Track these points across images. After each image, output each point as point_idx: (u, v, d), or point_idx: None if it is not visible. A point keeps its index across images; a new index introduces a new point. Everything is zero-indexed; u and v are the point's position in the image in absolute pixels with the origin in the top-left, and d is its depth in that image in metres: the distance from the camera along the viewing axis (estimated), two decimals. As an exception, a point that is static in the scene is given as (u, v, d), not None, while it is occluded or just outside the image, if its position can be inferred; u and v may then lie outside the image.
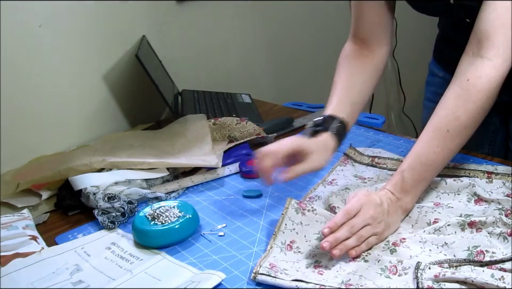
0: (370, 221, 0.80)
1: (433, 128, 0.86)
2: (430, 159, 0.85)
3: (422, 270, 0.72)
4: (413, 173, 0.85)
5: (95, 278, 0.84)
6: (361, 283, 0.73)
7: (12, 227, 0.96)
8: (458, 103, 0.84)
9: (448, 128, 0.84)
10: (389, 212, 0.83)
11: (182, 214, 0.91)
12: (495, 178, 0.93)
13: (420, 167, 0.85)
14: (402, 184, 0.85)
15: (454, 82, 0.86)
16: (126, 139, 1.29)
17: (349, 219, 0.80)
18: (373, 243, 0.81)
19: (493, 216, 0.81)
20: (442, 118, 0.85)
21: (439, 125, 0.85)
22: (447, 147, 0.85)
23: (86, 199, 1.02)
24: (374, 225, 0.81)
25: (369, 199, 0.83)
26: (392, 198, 0.85)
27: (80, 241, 0.94)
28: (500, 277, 0.68)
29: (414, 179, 0.85)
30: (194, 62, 1.64)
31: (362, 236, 0.80)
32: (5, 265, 0.86)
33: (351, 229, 0.79)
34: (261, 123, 1.32)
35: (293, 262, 0.80)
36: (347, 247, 0.78)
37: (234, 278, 0.79)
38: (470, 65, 0.85)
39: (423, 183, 0.87)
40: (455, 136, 0.84)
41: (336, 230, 0.79)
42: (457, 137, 0.85)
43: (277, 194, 1.03)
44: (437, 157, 0.85)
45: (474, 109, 0.84)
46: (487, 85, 0.83)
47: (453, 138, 0.84)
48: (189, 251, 0.88)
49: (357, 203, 0.82)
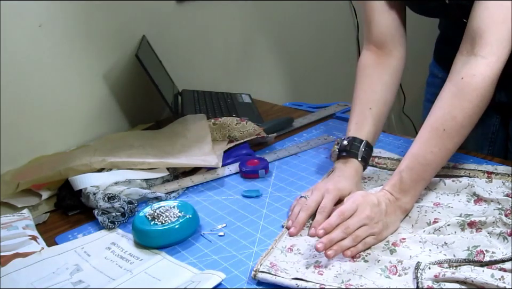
0: (366, 221, 0.81)
1: (430, 128, 0.86)
2: (428, 159, 0.85)
3: (422, 270, 0.72)
4: (411, 173, 0.85)
5: (95, 278, 0.84)
6: (361, 283, 0.73)
7: (11, 227, 0.96)
8: (454, 102, 0.85)
9: (444, 127, 0.84)
10: (387, 212, 0.83)
11: (182, 214, 0.91)
12: (494, 178, 0.93)
13: (418, 167, 0.86)
14: (400, 184, 0.86)
15: (449, 82, 0.87)
16: (126, 139, 1.29)
17: (344, 220, 0.80)
18: (370, 243, 0.81)
19: (492, 216, 0.81)
20: (439, 118, 0.85)
21: (435, 124, 0.85)
22: (445, 147, 0.85)
23: (86, 199, 1.02)
24: (371, 225, 0.81)
25: (366, 200, 0.83)
26: (391, 198, 0.85)
27: (80, 241, 0.94)
28: (500, 276, 0.68)
29: (412, 179, 0.85)
30: (194, 62, 1.64)
31: (358, 236, 0.80)
32: (5, 265, 0.86)
33: (345, 230, 0.79)
34: (261, 123, 1.32)
35: (293, 262, 0.80)
36: (342, 247, 0.78)
37: (234, 278, 0.79)
38: (464, 64, 0.85)
39: (422, 183, 0.87)
40: (452, 136, 0.85)
41: (331, 231, 0.79)
42: (454, 137, 0.85)
43: (277, 194, 1.03)
44: (435, 157, 0.85)
45: (470, 107, 0.84)
46: (481, 83, 0.83)
47: (450, 137, 0.85)
48: (189, 251, 0.88)
49: (352, 204, 0.82)
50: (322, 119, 1.37)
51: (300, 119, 1.38)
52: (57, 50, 1.35)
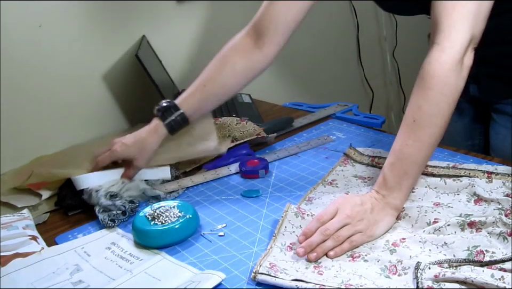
0: (347, 220, 0.82)
1: (403, 122, 0.87)
2: (405, 153, 0.86)
3: (422, 270, 0.72)
4: (392, 169, 0.86)
5: (95, 278, 0.84)
6: (361, 283, 0.73)
7: (11, 227, 0.96)
8: (418, 93, 0.85)
9: (414, 118, 0.85)
10: (374, 209, 0.84)
11: (182, 214, 0.92)
12: (495, 178, 0.93)
13: (398, 162, 0.86)
14: (384, 182, 0.87)
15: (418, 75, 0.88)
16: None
17: (324, 224, 0.81)
18: (359, 240, 0.82)
19: (492, 216, 0.81)
20: (408, 110, 0.87)
21: (407, 117, 0.86)
22: (418, 139, 0.85)
23: (88, 196, 1.02)
24: (353, 224, 0.82)
25: (346, 201, 0.85)
26: (377, 197, 0.86)
27: (80, 241, 0.94)
28: (500, 276, 0.68)
29: (395, 175, 0.86)
30: (194, 62, 1.64)
31: (340, 236, 0.81)
32: (5, 265, 0.86)
33: (324, 232, 0.80)
34: (261, 123, 1.32)
35: (292, 262, 0.80)
36: (324, 249, 0.80)
37: (234, 278, 0.79)
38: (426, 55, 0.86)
39: (406, 177, 0.87)
40: (423, 126, 0.85)
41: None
42: (426, 127, 0.85)
43: (277, 194, 1.03)
44: (411, 150, 0.86)
45: (434, 95, 0.84)
46: (439, 69, 0.84)
47: (421, 128, 0.85)
48: (189, 251, 0.88)
49: (332, 207, 0.84)
50: (322, 119, 1.37)
51: (300, 119, 1.38)
52: (57, 50, 1.35)
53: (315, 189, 1.02)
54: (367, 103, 2.21)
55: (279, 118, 1.37)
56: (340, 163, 1.10)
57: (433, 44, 0.85)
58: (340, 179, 1.04)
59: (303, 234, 0.82)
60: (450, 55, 0.83)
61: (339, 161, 1.11)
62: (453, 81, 0.84)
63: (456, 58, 0.84)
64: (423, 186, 0.94)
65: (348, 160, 1.11)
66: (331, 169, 1.08)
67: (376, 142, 1.18)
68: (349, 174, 1.05)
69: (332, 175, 1.06)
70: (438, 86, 0.84)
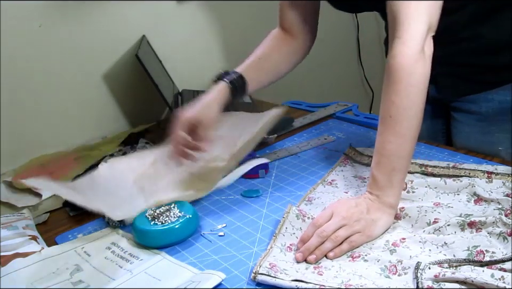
0: (344, 221, 0.82)
1: (380, 120, 0.87)
2: (388, 150, 0.86)
3: (422, 270, 0.72)
4: (379, 168, 0.86)
5: (95, 278, 0.84)
6: (361, 283, 0.73)
7: (11, 227, 0.96)
8: (388, 88, 0.86)
9: (390, 114, 0.85)
10: (369, 210, 0.84)
11: (182, 214, 0.92)
12: (495, 178, 0.93)
13: (383, 160, 0.86)
14: (374, 182, 0.87)
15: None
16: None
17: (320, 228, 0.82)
18: (358, 240, 0.82)
19: (492, 216, 0.81)
20: (382, 107, 0.86)
21: (383, 114, 0.86)
22: (398, 133, 0.85)
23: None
24: (350, 224, 0.82)
25: (341, 204, 0.85)
26: (371, 197, 0.86)
27: (80, 241, 0.94)
28: (500, 276, 0.68)
29: (383, 173, 0.86)
30: (194, 62, 1.64)
31: (338, 236, 0.81)
32: (5, 265, 0.86)
33: (321, 234, 0.81)
34: (261, 123, 1.32)
35: (292, 262, 0.80)
36: (323, 251, 0.80)
37: (234, 278, 0.79)
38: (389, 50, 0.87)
39: (394, 173, 0.86)
40: (399, 120, 0.85)
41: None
42: (402, 121, 0.85)
43: (277, 194, 1.03)
44: (393, 145, 0.85)
45: (402, 88, 0.84)
46: (403, 62, 0.84)
47: (398, 122, 0.85)
48: (189, 251, 0.88)
49: (327, 211, 0.84)
50: (322, 119, 1.37)
51: (300, 119, 1.38)
52: (57, 50, 1.35)
53: (315, 189, 1.02)
54: (367, 103, 2.21)
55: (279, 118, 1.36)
56: (339, 163, 1.10)
57: (394, 38, 0.85)
58: (339, 179, 1.04)
59: (301, 241, 0.82)
60: (412, 46, 0.84)
61: (339, 161, 1.11)
62: (419, 71, 0.85)
63: (418, 49, 0.84)
64: (423, 186, 0.94)
65: (347, 160, 1.11)
66: (331, 169, 1.08)
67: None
68: (349, 174, 1.05)
69: (331, 175, 1.06)
70: (405, 78, 0.84)
